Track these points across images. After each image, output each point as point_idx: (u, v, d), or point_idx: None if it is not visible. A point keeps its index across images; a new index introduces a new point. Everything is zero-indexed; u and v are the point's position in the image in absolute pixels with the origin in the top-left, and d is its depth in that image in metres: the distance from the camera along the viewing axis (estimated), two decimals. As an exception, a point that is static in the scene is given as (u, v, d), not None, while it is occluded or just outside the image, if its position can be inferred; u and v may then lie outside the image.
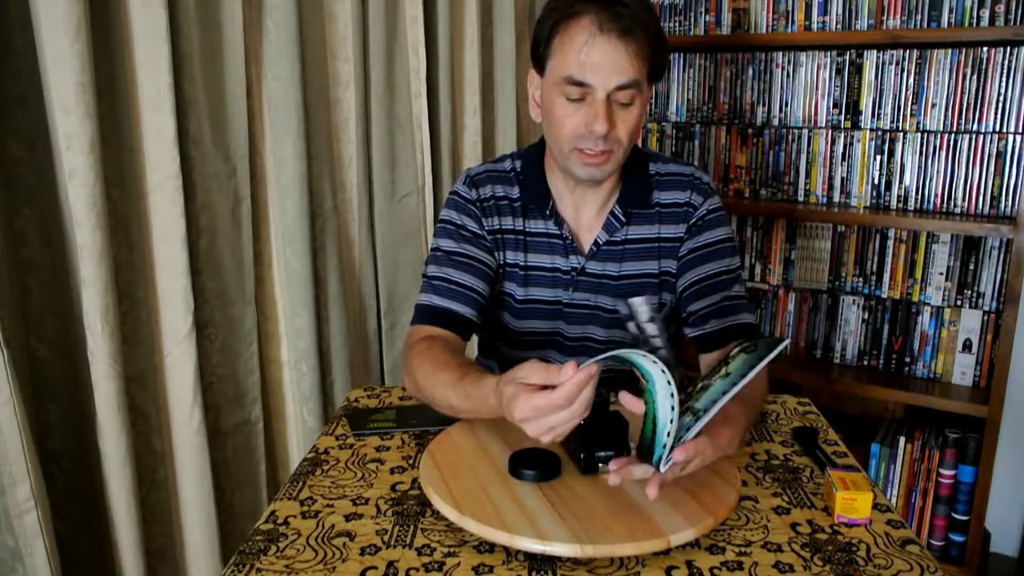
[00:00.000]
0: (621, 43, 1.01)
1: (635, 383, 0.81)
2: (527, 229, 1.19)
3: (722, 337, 1.13)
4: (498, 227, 1.18)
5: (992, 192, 1.85)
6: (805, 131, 2.03)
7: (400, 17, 1.65)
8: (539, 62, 1.10)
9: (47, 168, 1.05)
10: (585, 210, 1.18)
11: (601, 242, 1.17)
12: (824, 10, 1.95)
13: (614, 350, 0.76)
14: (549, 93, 1.08)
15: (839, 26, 1.94)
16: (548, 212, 1.17)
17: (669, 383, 0.75)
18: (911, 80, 1.89)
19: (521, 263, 1.19)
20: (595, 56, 1.01)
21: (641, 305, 0.83)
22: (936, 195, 1.91)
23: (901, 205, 1.95)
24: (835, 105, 1.99)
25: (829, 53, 1.98)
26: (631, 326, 0.83)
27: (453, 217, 1.19)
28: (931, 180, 1.91)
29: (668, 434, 0.75)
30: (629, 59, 1.01)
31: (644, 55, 1.03)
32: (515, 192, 1.19)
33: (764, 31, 2.04)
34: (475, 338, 1.37)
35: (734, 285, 1.16)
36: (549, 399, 0.76)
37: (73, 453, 1.13)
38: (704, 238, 1.17)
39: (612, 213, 1.17)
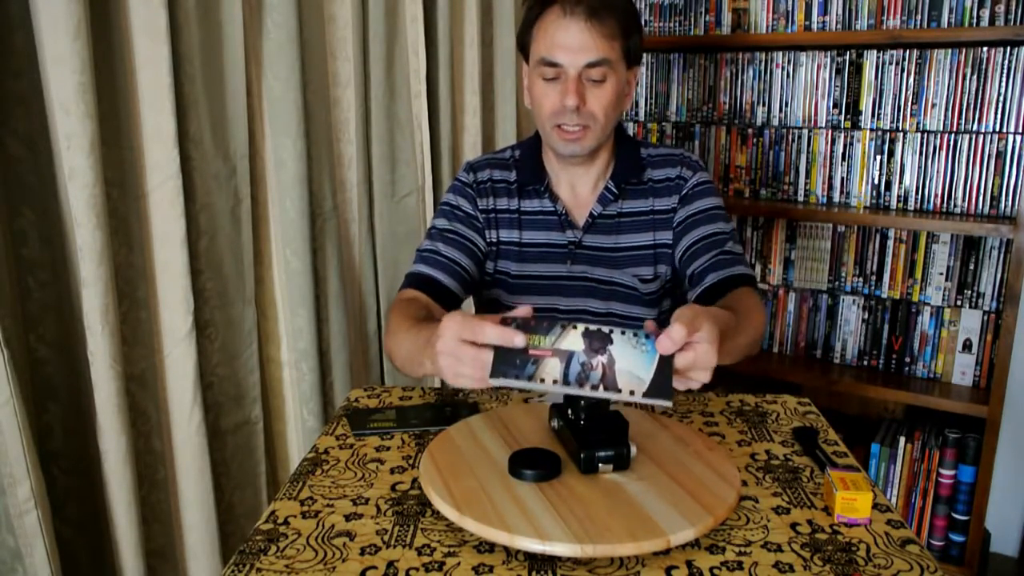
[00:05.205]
0: (587, 24, 1.10)
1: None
2: (522, 208, 1.26)
3: (720, 288, 1.15)
4: (492, 207, 1.26)
5: (992, 192, 1.85)
6: (805, 131, 2.04)
7: (400, 17, 1.65)
8: (524, 50, 1.20)
9: (47, 168, 1.05)
10: (580, 188, 1.25)
11: (596, 214, 1.24)
12: (824, 10, 1.95)
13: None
14: (530, 76, 1.19)
15: (839, 26, 1.94)
16: (543, 189, 1.25)
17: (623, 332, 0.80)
18: (911, 80, 1.89)
19: (516, 240, 1.26)
20: (563, 37, 1.11)
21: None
22: (936, 195, 1.91)
23: (901, 205, 1.95)
24: (835, 105, 1.99)
25: (829, 53, 1.98)
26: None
27: (450, 199, 1.27)
28: (931, 180, 1.91)
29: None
30: (594, 39, 1.11)
31: (613, 35, 1.12)
32: (512, 175, 1.28)
33: (764, 31, 2.04)
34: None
35: (728, 242, 1.19)
36: (481, 325, 0.78)
37: (73, 453, 1.13)
38: (696, 206, 1.23)
39: (606, 188, 1.24)
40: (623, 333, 0.81)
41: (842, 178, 2.01)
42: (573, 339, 0.80)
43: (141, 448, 1.19)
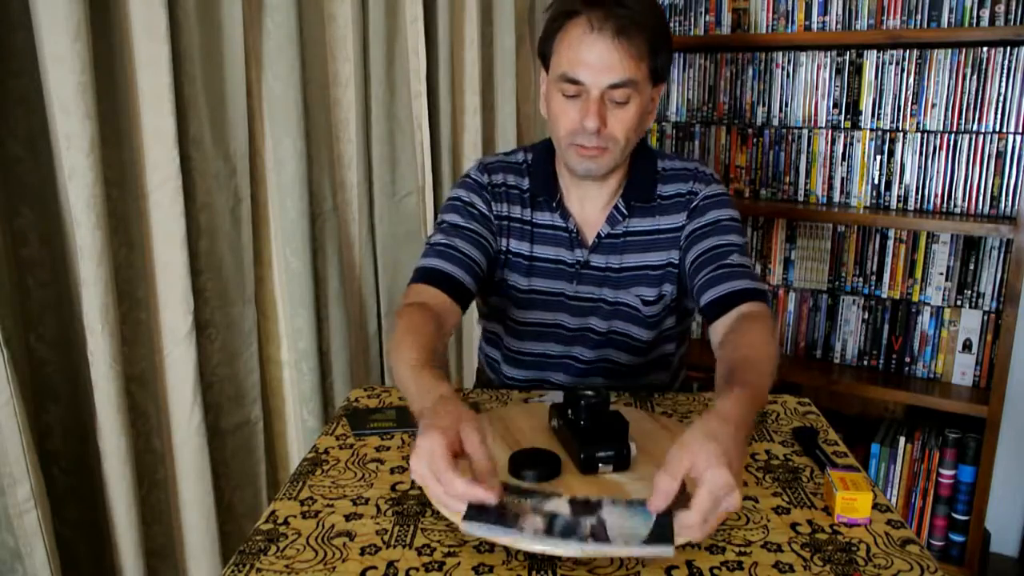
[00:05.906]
0: (614, 42, 1.03)
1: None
2: (534, 220, 1.21)
3: (721, 304, 1.07)
4: (505, 214, 1.21)
5: (992, 192, 1.85)
6: (805, 131, 2.03)
7: (400, 17, 1.65)
8: (544, 59, 1.13)
9: (47, 168, 1.05)
10: (590, 204, 1.20)
11: (603, 234, 1.19)
12: (824, 10, 1.95)
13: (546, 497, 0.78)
14: (549, 89, 1.12)
15: (839, 26, 1.94)
16: (555, 204, 1.20)
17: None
18: (911, 80, 1.89)
19: (526, 253, 1.21)
20: (587, 54, 1.04)
21: None
22: (936, 195, 1.91)
23: (901, 205, 1.95)
24: (835, 105, 1.99)
25: (829, 53, 1.98)
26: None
27: (462, 195, 1.21)
28: (931, 180, 1.91)
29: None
30: (621, 58, 1.03)
31: (640, 55, 1.05)
32: (525, 183, 1.22)
33: (764, 31, 2.04)
34: (478, 329, 1.39)
35: (732, 255, 1.12)
36: (450, 478, 0.73)
37: (73, 453, 1.13)
38: (706, 218, 1.17)
39: (615, 207, 1.19)
40: (613, 503, 0.77)
41: (842, 178, 2.01)
42: (557, 504, 0.77)
43: (141, 448, 1.19)
